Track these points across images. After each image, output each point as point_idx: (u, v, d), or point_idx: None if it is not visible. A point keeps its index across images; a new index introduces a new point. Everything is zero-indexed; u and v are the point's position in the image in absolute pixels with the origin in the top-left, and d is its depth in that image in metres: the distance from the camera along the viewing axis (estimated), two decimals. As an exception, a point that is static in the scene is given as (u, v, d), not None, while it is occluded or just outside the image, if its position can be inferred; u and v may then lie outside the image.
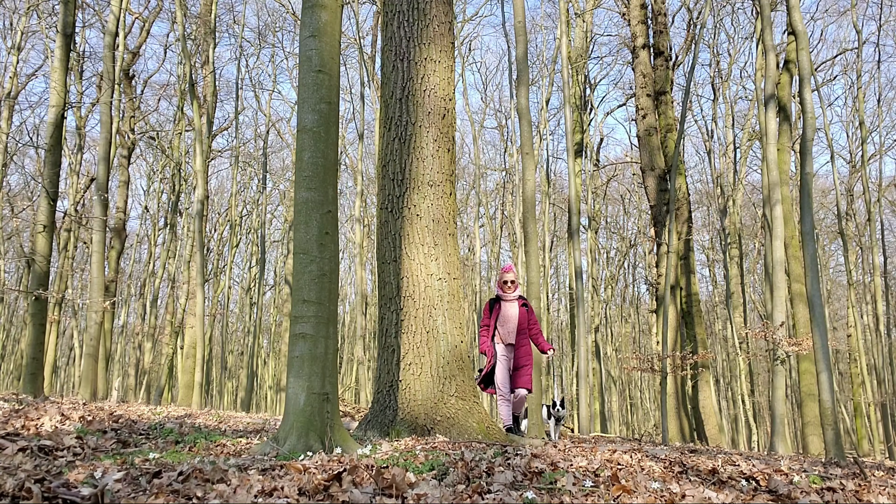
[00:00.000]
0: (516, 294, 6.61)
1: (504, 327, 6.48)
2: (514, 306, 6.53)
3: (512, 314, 6.50)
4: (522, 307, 6.56)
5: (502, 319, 6.48)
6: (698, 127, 26.40)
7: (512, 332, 6.48)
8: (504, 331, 6.50)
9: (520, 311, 6.51)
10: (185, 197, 23.21)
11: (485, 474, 2.64)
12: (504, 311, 6.52)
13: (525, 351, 6.46)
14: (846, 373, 27.98)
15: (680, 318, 14.56)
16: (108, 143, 11.55)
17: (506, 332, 6.50)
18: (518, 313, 6.50)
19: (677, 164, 13.08)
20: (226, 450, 3.52)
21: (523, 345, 6.46)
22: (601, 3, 22.66)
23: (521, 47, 9.80)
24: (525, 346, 6.47)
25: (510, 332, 6.47)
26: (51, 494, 1.84)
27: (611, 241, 33.55)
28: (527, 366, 6.41)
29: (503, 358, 6.45)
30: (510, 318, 6.48)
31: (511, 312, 6.51)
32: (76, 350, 26.51)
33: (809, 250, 9.55)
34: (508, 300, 6.55)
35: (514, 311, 6.51)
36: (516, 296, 6.61)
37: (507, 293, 6.55)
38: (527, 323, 6.52)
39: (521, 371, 6.40)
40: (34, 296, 9.78)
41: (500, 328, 6.49)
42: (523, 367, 6.40)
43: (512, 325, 6.47)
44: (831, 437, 8.86)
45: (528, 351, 6.47)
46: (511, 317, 6.49)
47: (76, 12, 11.53)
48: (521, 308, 6.55)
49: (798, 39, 10.07)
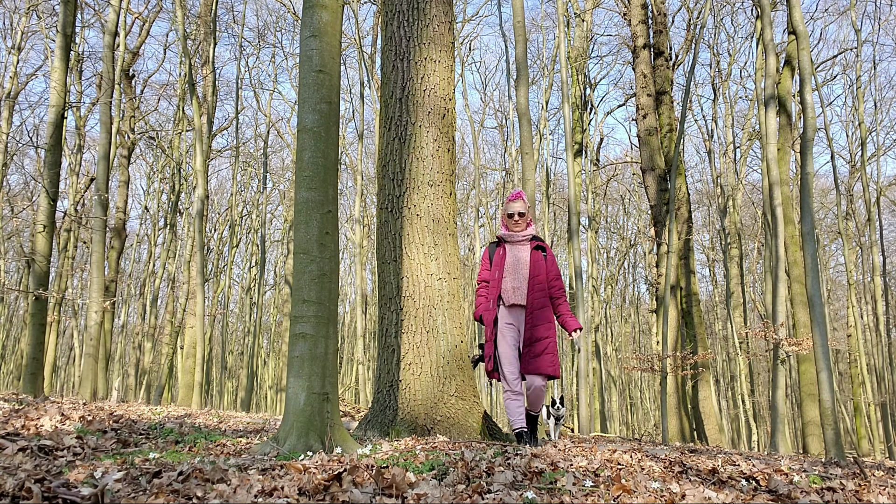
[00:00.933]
0: (528, 233, 4.68)
1: (509, 282, 4.58)
2: (523, 250, 4.64)
3: (521, 262, 4.60)
4: (537, 251, 4.64)
5: (507, 270, 4.60)
6: (698, 127, 26.41)
7: (521, 290, 4.55)
8: (509, 287, 4.57)
9: (533, 258, 4.60)
10: (186, 197, 23.21)
11: (485, 474, 2.64)
12: (510, 259, 4.62)
13: (543, 317, 4.51)
14: (846, 373, 27.98)
15: (680, 318, 14.56)
16: (108, 143, 11.55)
17: (511, 290, 4.57)
18: (531, 260, 4.59)
19: (677, 163, 13.08)
20: (226, 450, 3.52)
21: (539, 307, 4.51)
22: (601, 3, 22.66)
23: (521, 47, 9.80)
24: (543, 309, 4.52)
25: (518, 289, 4.55)
26: (51, 494, 1.84)
27: (611, 241, 33.57)
28: (546, 339, 4.46)
29: (508, 330, 4.56)
30: (519, 268, 4.59)
31: (520, 259, 4.61)
32: (76, 350, 26.51)
33: (809, 250, 9.55)
34: (516, 242, 4.66)
35: (523, 258, 4.61)
36: (528, 235, 4.68)
37: (514, 231, 4.68)
38: (545, 276, 4.58)
39: (537, 348, 4.45)
40: (34, 296, 9.78)
41: (503, 284, 4.59)
42: (540, 342, 4.45)
43: (521, 277, 4.56)
44: (831, 436, 8.86)
45: (546, 317, 4.52)
46: (520, 266, 4.59)
47: (76, 12, 11.52)
48: (535, 253, 4.63)
49: (798, 39, 10.07)
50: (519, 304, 4.57)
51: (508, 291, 4.60)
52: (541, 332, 4.50)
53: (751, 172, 26.58)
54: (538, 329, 4.50)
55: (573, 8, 20.90)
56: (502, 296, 4.63)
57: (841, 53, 24.44)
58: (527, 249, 4.66)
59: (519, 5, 9.78)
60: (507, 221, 4.72)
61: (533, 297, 4.54)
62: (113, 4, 12.26)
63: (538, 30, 26.07)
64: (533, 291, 4.55)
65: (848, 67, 24.61)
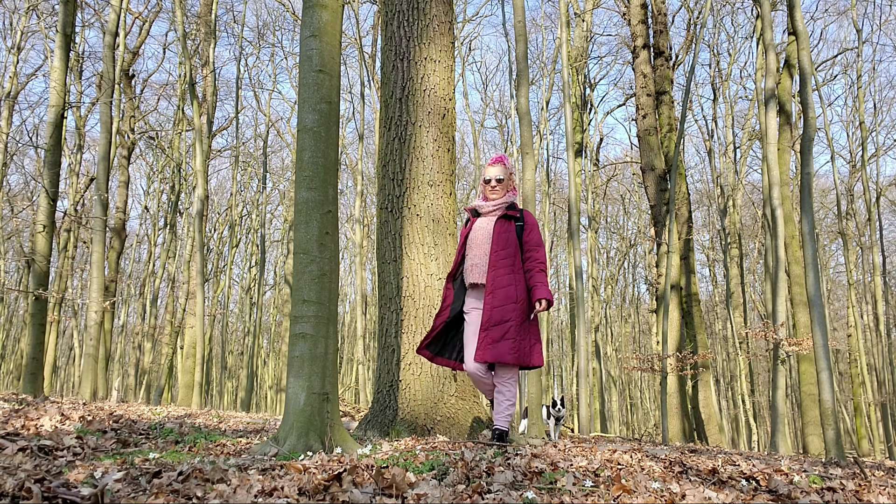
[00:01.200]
0: (501, 202, 4.12)
1: (469, 258, 4.10)
2: (487, 223, 4.10)
3: (485, 234, 4.06)
4: (505, 221, 4.06)
5: (469, 245, 4.12)
6: (698, 127, 26.43)
7: (480, 267, 4.02)
8: (468, 265, 4.08)
9: (497, 229, 4.02)
10: (185, 197, 23.21)
11: (485, 474, 2.64)
12: (474, 233, 4.13)
13: (505, 298, 3.90)
14: (846, 373, 27.98)
15: (680, 318, 14.56)
16: (108, 143, 11.55)
17: (470, 268, 4.06)
18: (494, 231, 4.02)
19: (677, 163, 13.08)
20: (226, 450, 3.52)
21: (501, 286, 3.92)
22: (601, 3, 22.66)
23: (521, 47, 9.79)
24: (507, 288, 3.92)
25: (477, 266, 4.03)
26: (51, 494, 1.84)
27: (611, 241, 33.57)
28: (506, 323, 3.86)
29: (475, 315, 4.06)
30: (481, 242, 4.06)
31: (484, 232, 4.08)
32: (76, 350, 26.51)
33: (810, 250, 9.55)
34: (487, 213, 4.15)
35: (487, 230, 4.07)
36: (499, 205, 4.11)
37: (490, 199, 4.18)
38: (514, 251, 4.00)
39: (494, 333, 3.86)
40: (34, 296, 9.78)
41: (465, 262, 4.12)
42: (498, 327, 3.85)
43: (482, 252, 4.03)
44: (831, 436, 8.85)
45: (511, 297, 3.91)
46: (483, 239, 4.06)
47: (76, 12, 11.53)
48: (502, 223, 4.05)
49: (799, 39, 10.07)
50: (478, 283, 4.01)
51: (468, 270, 4.07)
52: (500, 313, 3.85)
53: (751, 172, 26.61)
54: (497, 311, 3.86)
55: (573, 8, 20.90)
56: (463, 275, 4.13)
57: (841, 53, 24.45)
58: (490, 224, 4.06)
59: (520, 5, 9.78)
60: (485, 189, 4.18)
61: (495, 274, 3.91)
62: (113, 4, 12.25)
63: (538, 30, 26.10)
64: (495, 268, 3.93)
65: (848, 67, 24.62)
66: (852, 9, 21.80)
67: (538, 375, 8.93)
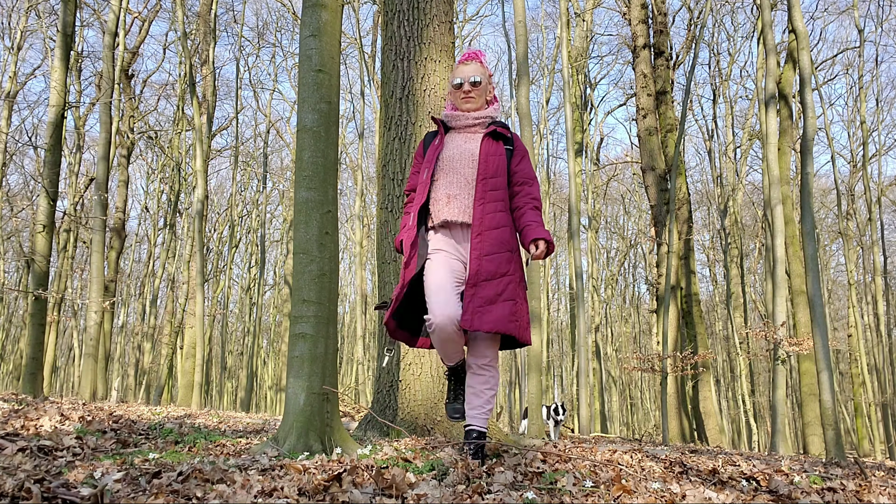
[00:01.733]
0: (485, 114, 3.08)
1: (442, 187, 2.97)
2: (472, 139, 3.04)
3: (465, 156, 2.99)
4: (494, 141, 3.00)
5: (442, 169, 3.00)
6: (699, 127, 26.44)
7: (461, 200, 2.93)
8: (442, 195, 2.96)
9: (486, 149, 2.97)
10: (185, 197, 23.21)
11: (485, 474, 2.63)
12: (448, 152, 3.03)
13: (498, 243, 2.87)
14: (847, 373, 27.98)
15: (680, 318, 14.56)
16: (108, 143, 11.55)
17: (445, 199, 2.95)
18: (482, 153, 2.97)
19: (678, 163, 13.07)
20: (225, 450, 3.52)
21: (493, 227, 2.88)
22: (601, 3, 22.66)
23: (522, 47, 9.78)
24: (499, 230, 2.89)
25: (456, 197, 2.94)
26: (50, 494, 1.84)
27: (611, 241, 33.57)
28: (503, 278, 2.83)
29: (440, 258, 2.92)
30: (460, 166, 2.97)
31: (464, 152, 3.00)
32: (76, 350, 26.53)
33: (810, 250, 9.55)
34: (463, 128, 3.08)
35: (469, 150, 3.00)
36: (484, 117, 3.08)
37: (463, 111, 3.09)
38: (502, 179, 2.96)
39: (486, 290, 2.80)
40: (34, 296, 9.77)
41: (434, 190, 2.99)
42: (492, 282, 2.81)
43: (463, 180, 2.95)
44: (832, 437, 8.85)
45: (505, 243, 2.89)
46: (463, 161, 2.98)
47: (76, 12, 11.52)
48: (491, 143, 2.99)
49: (798, 39, 10.06)
50: (457, 221, 2.90)
51: (440, 201, 2.93)
52: (493, 264, 2.80)
53: (751, 172, 26.61)
54: (490, 261, 2.80)
55: (573, 7, 20.90)
56: (430, 209, 2.97)
57: (841, 53, 24.46)
58: (475, 142, 3.01)
59: (520, 5, 9.77)
60: (455, 96, 3.10)
61: (484, 210, 2.86)
62: (112, 4, 12.25)
63: (539, 29, 26.10)
64: (484, 201, 2.87)
65: (849, 67, 24.62)
66: (854, 8, 21.79)
67: (538, 375, 8.91)
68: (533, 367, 8.89)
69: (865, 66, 23.21)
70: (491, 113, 3.13)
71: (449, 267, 2.92)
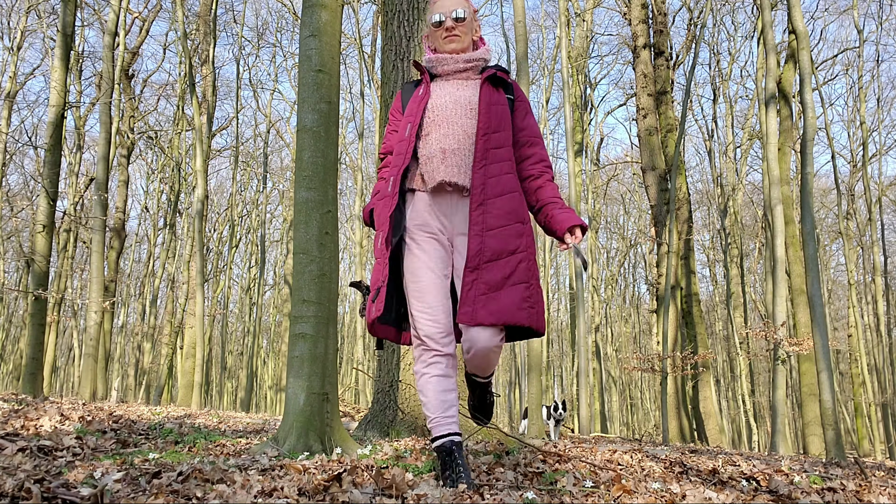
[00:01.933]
0: (478, 57, 2.54)
1: (434, 142, 2.42)
2: (466, 86, 2.50)
3: (461, 105, 2.45)
4: (494, 88, 2.47)
5: (431, 121, 2.44)
6: (699, 126, 26.44)
7: (459, 156, 2.39)
8: (436, 150, 2.40)
9: (486, 98, 2.43)
10: (185, 197, 23.21)
11: (485, 475, 2.63)
12: (438, 100, 2.47)
13: (505, 212, 2.34)
14: (847, 373, 27.98)
15: (680, 318, 14.56)
16: (108, 143, 11.55)
17: (440, 155, 2.39)
18: (482, 102, 2.43)
19: (678, 163, 13.07)
20: (225, 450, 3.52)
21: (498, 194, 2.35)
22: (601, 3, 22.66)
23: (521, 46, 9.78)
24: (505, 197, 2.35)
25: (454, 153, 2.39)
26: (50, 494, 1.84)
27: (611, 241, 33.57)
28: (515, 255, 2.31)
29: (428, 241, 2.41)
30: (455, 117, 2.43)
31: (458, 101, 2.46)
32: (75, 350, 26.53)
33: (810, 250, 9.55)
34: (452, 73, 2.52)
35: (465, 98, 2.46)
36: (477, 60, 2.53)
37: (448, 53, 2.53)
38: (507, 134, 2.43)
39: (494, 272, 2.27)
40: (34, 296, 9.77)
41: (424, 146, 2.43)
42: (499, 262, 2.28)
43: (461, 133, 2.41)
44: (832, 437, 8.85)
45: (514, 212, 2.36)
46: (458, 112, 2.44)
47: (76, 12, 11.53)
48: (491, 91, 2.46)
49: (798, 39, 10.06)
50: (453, 182, 2.35)
51: (435, 158, 2.37)
52: (501, 239, 2.28)
53: (751, 172, 26.62)
54: (495, 236, 2.28)
55: (574, 7, 20.91)
56: (421, 170, 2.41)
57: (841, 53, 24.45)
58: (475, 85, 2.47)
59: (520, 5, 9.77)
60: (435, 36, 2.53)
61: (487, 171, 2.33)
62: (112, 4, 12.26)
63: (538, 29, 26.10)
64: (486, 161, 2.34)
65: (849, 67, 24.62)
66: (853, 8, 21.79)
67: (538, 375, 8.91)
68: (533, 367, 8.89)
69: (866, 65, 23.24)
70: (483, 55, 2.55)
71: (440, 262, 2.39)
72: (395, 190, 2.41)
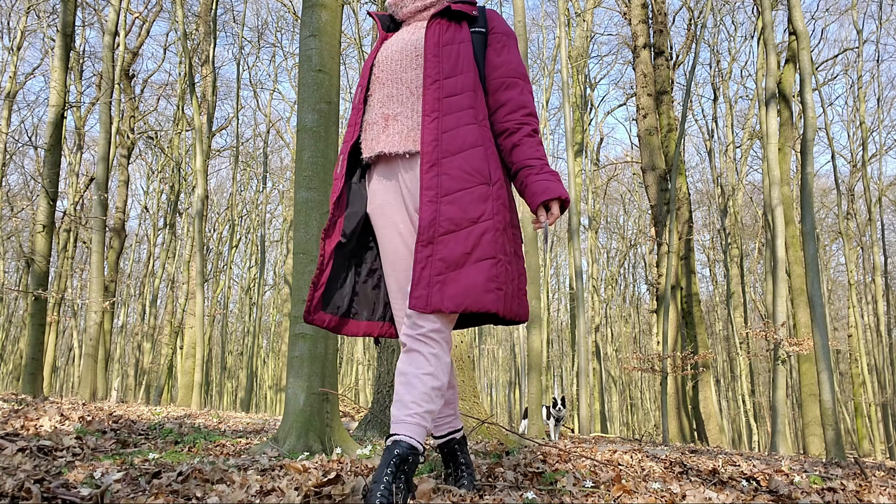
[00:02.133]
0: None
1: (377, 104, 2.07)
2: (416, 30, 2.08)
3: (407, 52, 2.04)
4: (443, 24, 2.00)
5: (378, 78, 2.07)
6: (699, 126, 26.42)
7: (406, 116, 2.01)
8: (377, 114, 2.06)
9: (432, 38, 1.97)
10: (185, 196, 23.21)
11: (485, 475, 2.63)
12: (387, 52, 2.08)
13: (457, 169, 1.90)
14: (847, 373, 27.98)
15: (680, 318, 14.56)
16: (108, 143, 11.55)
17: (382, 120, 2.04)
18: (427, 44, 1.97)
19: (678, 163, 13.07)
20: (225, 450, 3.52)
21: (453, 152, 1.91)
22: (601, 3, 22.66)
23: (521, 46, 9.78)
24: (460, 153, 1.91)
25: (399, 114, 2.02)
26: (50, 495, 1.84)
27: (611, 241, 33.57)
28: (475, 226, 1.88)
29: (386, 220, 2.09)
30: (399, 67, 2.04)
31: (405, 48, 2.05)
32: (75, 350, 26.52)
33: (810, 250, 9.55)
34: (410, 17, 2.13)
35: (413, 42, 2.04)
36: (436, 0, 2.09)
37: None
38: (470, 77, 1.97)
39: (451, 246, 1.85)
40: (34, 296, 9.77)
41: (367, 110, 2.09)
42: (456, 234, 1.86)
43: (403, 87, 2.02)
44: (832, 437, 8.85)
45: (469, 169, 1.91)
46: (403, 60, 2.04)
47: (76, 12, 11.52)
48: (440, 27, 1.99)
49: (799, 39, 10.06)
50: (395, 151, 2.00)
51: (375, 126, 2.05)
52: (458, 208, 1.89)
53: (751, 172, 26.62)
54: (452, 202, 1.89)
55: (574, 7, 20.90)
56: (361, 139, 2.09)
57: (842, 53, 24.44)
58: (421, 31, 2.06)
59: (520, 5, 9.77)
60: None
61: (438, 126, 1.91)
62: (113, 4, 12.26)
63: (538, 29, 26.10)
64: (437, 114, 1.92)
65: (849, 67, 24.62)
66: (853, 9, 21.79)
67: (538, 375, 8.89)
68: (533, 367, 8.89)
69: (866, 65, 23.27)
70: None
71: (400, 242, 2.05)
72: (342, 171, 2.09)
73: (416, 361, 1.90)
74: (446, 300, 1.84)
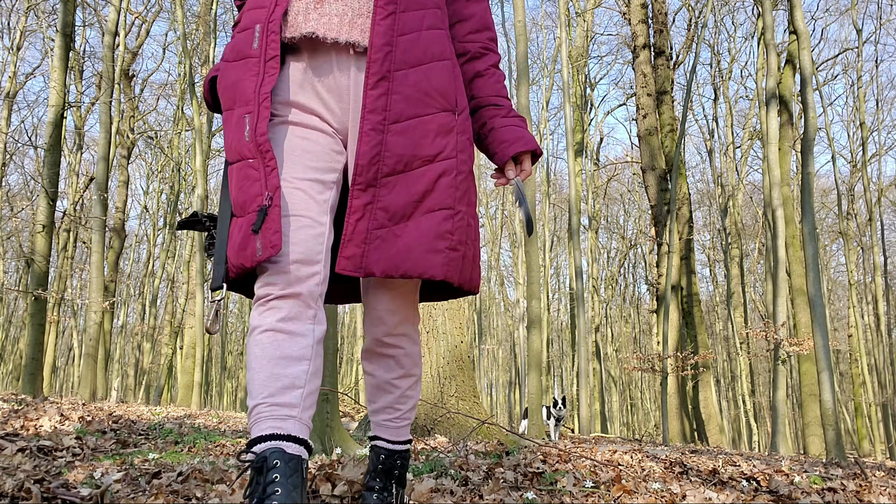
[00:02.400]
0: None
1: None
2: None
3: None
4: None
5: None
6: (699, 126, 26.48)
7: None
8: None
9: None
10: (185, 196, 23.21)
11: (485, 475, 2.63)
12: None
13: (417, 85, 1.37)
14: (847, 373, 27.99)
15: (681, 319, 14.56)
16: (108, 143, 11.55)
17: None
18: None
19: (678, 163, 13.07)
20: (225, 450, 3.52)
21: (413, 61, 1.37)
22: (602, 3, 22.66)
23: (522, 46, 9.78)
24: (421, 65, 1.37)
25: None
26: (50, 495, 1.84)
27: (611, 241, 33.57)
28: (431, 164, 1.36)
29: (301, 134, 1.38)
30: None
31: None
32: (75, 350, 26.52)
33: (810, 250, 9.55)
34: None
35: None
36: None
37: None
38: None
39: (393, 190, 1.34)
40: (33, 296, 9.77)
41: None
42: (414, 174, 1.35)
43: None
44: (832, 437, 8.85)
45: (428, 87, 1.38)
46: None
47: (76, 12, 11.53)
48: None
49: (799, 39, 10.07)
50: (338, 40, 1.38)
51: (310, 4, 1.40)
52: (410, 141, 1.37)
53: (752, 172, 26.62)
54: (403, 131, 1.37)
55: (574, 7, 20.91)
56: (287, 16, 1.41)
57: (842, 53, 24.45)
58: None
59: (520, 4, 9.77)
60: None
61: (394, 25, 1.38)
62: (113, 4, 12.26)
63: (538, 29, 26.11)
64: (393, 9, 1.38)
65: (849, 67, 24.63)
66: (853, 9, 21.80)
67: (538, 375, 8.88)
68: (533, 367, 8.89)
69: (865, 66, 23.26)
70: None
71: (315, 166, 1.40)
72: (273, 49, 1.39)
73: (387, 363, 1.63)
74: (383, 262, 1.34)
